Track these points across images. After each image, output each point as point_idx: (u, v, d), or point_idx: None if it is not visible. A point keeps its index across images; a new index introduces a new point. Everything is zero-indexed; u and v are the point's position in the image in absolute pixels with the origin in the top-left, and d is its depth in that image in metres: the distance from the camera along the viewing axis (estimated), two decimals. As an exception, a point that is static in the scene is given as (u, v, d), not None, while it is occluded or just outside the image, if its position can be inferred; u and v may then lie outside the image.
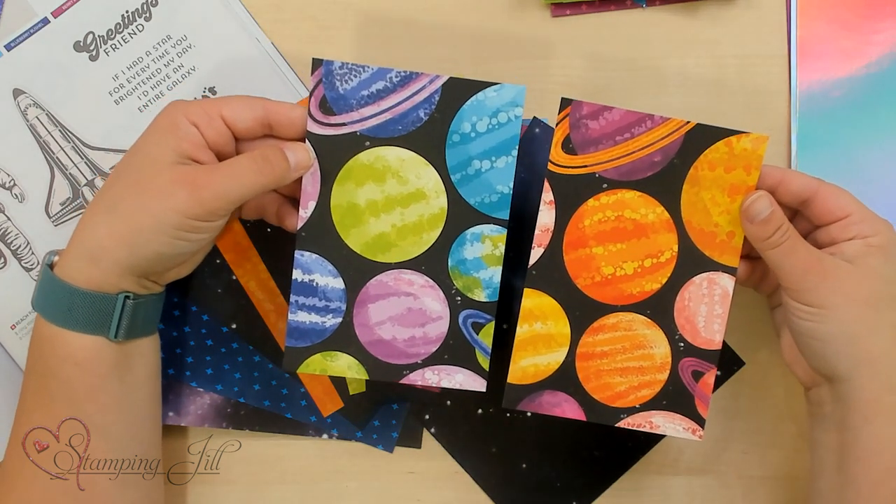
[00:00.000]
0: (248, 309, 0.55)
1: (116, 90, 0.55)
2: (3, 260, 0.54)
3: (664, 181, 0.47)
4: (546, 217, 0.47)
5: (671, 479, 0.56)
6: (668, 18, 0.56)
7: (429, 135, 0.47)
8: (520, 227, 0.54)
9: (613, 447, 0.55)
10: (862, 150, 0.56)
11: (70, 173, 0.54)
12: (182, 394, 0.55)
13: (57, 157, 0.54)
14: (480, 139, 0.47)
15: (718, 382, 0.56)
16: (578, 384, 0.48)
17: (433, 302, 0.49)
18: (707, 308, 0.48)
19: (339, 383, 0.55)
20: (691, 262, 0.48)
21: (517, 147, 0.47)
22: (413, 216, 0.48)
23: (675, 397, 0.48)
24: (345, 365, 0.49)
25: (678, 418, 0.49)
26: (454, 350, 0.49)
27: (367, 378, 0.49)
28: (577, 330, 0.48)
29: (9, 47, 0.54)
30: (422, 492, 0.56)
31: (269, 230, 0.54)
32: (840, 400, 0.46)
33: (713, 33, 0.56)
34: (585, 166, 0.47)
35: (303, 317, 0.48)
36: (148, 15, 0.55)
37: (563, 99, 0.46)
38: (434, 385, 0.49)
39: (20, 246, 0.54)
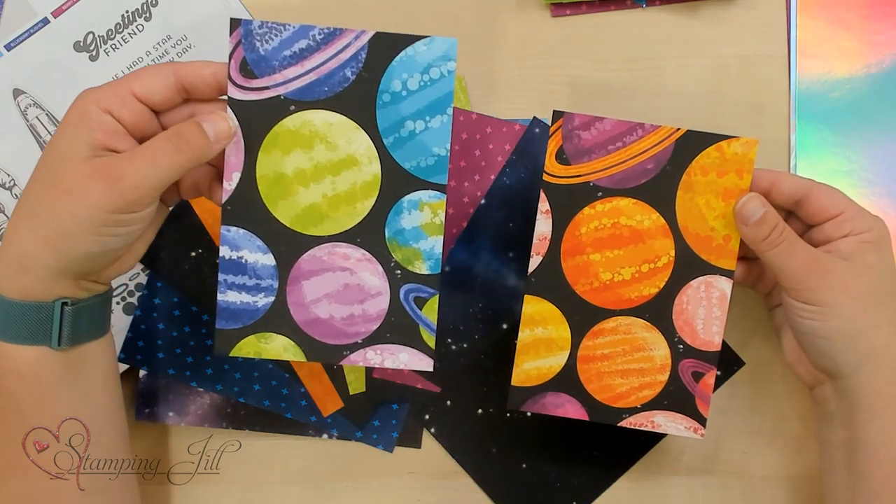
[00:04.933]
0: (248, 309, 0.55)
1: (116, 90, 0.55)
2: (3, 260, 0.54)
3: (658, 188, 0.48)
4: (543, 226, 0.48)
5: (671, 479, 0.56)
6: (668, 18, 0.56)
7: (357, 95, 0.45)
8: (526, 228, 0.54)
9: (613, 447, 0.56)
10: (862, 151, 0.56)
11: (70, 173, 0.54)
12: (182, 394, 0.55)
13: (57, 157, 0.54)
14: (412, 98, 0.45)
15: (718, 382, 0.56)
16: (580, 386, 0.49)
17: (371, 276, 0.46)
18: (705, 311, 0.48)
19: (339, 383, 0.55)
20: (688, 266, 0.48)
21: (452, 105, 0.45)
22: (345, 184, 0.45)
23: (675, 397, 0.49)
24: (280, 347, 0.47)
25: (679, 417, 0.49)
26: (396, 327, 0.46)
27: (305, 360, 0.47)
28: (578, 334, 0.49)
29: (9, 47, 0.54)
30: (422, 492, 0.56)
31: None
32: (845, 396, 0.46)
33: (713, 33, 0.56)
34: (580, 176, 0.48)
35: (233, 297, 0.46)
36: (148, 15, 0.55)
37: (554, 111, 0.47)
38: (377, 366, 0.47)
39: (20, 246, 0.54)
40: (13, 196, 0.54)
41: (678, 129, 0.47)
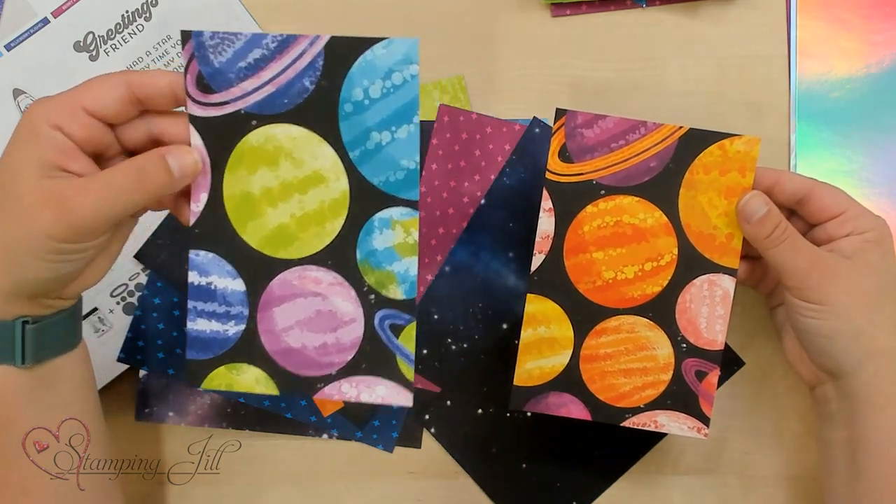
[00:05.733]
0: (248, 309, 0.54)
1: (116, 90, 0.55)
2: (3, 260, 0.54)
3: (661, 186, 0.48)
4: (546, 224, 0.48)
5: (671, 479, 0.56)
6: (668, 18, 0.56)
7: (318, 106, 0.42)
8: (526, 228, 0.54)
9: (613, 447, 0.55)
10: (862, 151, 0.56)
11: (70, 173, 0.54)
12: (182, 394, 0.55)
13: (57, 157, 0.54)
14: (376, 107, 0.42)
15: (718, 382, 0.55)
16: (583, 385, 0.49)
17: (344, 302, 0.44)
18: (708, 309, 0.48)
19: (339, 383, 0.55)
20: (691, 264, 0.48)
21: (418, 113, 0.42)
22: (313, 203, 0.43)
23: (679, 397, 0.49)
24: (252, 379, 0.44)
25: (683, 417, 0.49)
26: (372, 358, 0.44)
27: (277, 394, 0.44)
28: (580, 333, 0.49)
29: (9, 47, 0.54)
30: (422, 492, 0.56)
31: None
32: (846, 396, 0.46)
33: (713, 33, 0.56)
34: (582, 174, 0.48)
35: (203, 325, 0.44)
36: (148, 15, 0.55)
37: (557, 109, 0.47)
38: (353, 400, 0.44)
39: (20, 246, 0.54)
40: (13, 196, 0.54)
41: (681, 127, 0.47)
